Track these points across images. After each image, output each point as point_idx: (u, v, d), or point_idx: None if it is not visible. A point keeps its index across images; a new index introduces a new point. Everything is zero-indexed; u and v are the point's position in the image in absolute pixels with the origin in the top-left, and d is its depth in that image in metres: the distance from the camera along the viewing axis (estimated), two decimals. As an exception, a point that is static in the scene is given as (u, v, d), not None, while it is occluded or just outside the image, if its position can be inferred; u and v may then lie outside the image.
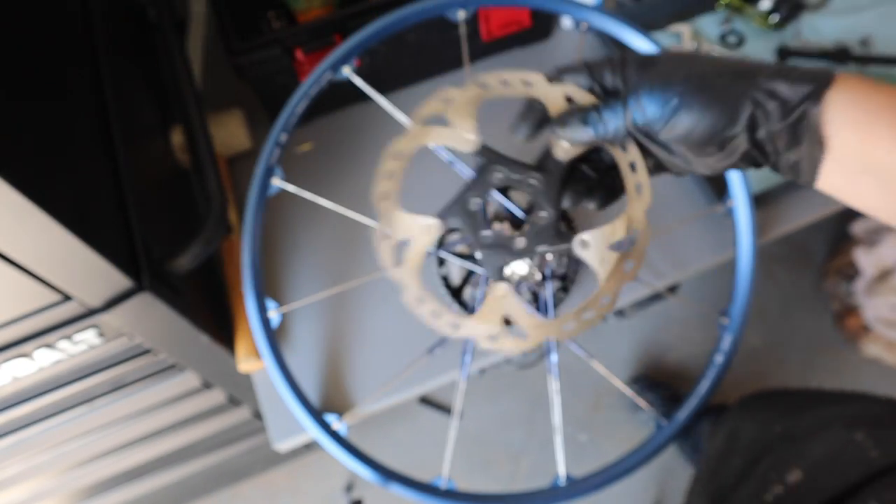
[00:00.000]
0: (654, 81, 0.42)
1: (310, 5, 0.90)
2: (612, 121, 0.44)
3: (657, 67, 0.43)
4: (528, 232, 0.48)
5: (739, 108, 0.40)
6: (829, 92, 0.39)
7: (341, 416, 0.75)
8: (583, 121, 0.45)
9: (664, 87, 0.42)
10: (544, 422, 1.68)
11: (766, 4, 1.04)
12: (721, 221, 0.87)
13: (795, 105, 0.39)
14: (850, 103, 0.38)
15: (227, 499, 1.64)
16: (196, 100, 0.79)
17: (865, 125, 0.37)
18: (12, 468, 0.87)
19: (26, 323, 0.57)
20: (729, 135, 0.41)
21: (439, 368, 0.81)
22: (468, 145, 0.49)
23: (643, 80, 0.43)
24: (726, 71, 0.41)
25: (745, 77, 0.40)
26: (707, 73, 0.41)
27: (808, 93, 0.39)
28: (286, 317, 0.83)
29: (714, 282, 1.81)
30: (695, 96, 0.41)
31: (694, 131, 0.41)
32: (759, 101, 0.40)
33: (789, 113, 0.39)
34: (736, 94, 0.40)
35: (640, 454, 0.73)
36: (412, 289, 0.49)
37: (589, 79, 0.48)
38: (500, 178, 0.49)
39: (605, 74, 0.46)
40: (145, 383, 0.79)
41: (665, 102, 0.42)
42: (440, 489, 0.72)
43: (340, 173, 0.94)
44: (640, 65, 0.44)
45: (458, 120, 0.49)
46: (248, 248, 0.75)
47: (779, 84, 0.39)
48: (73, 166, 0.58)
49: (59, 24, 0.68)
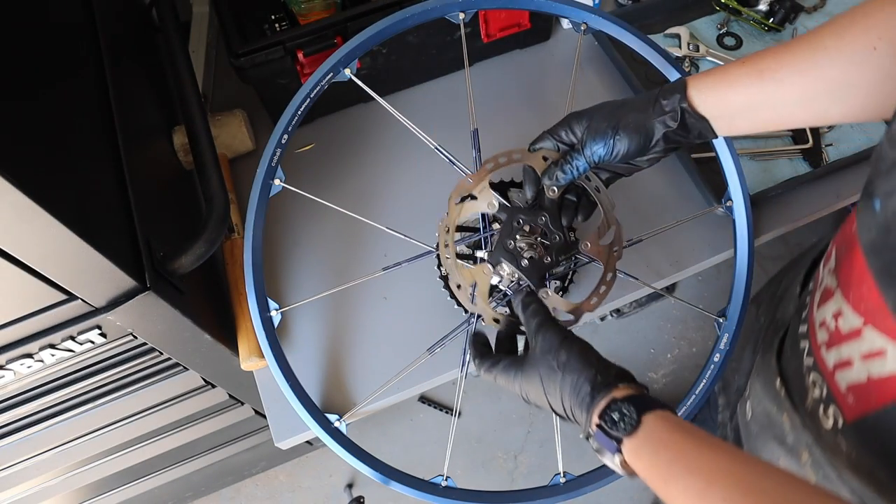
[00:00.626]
0: (595, 133, 0.64)
1: (311, 7, 0.91)
2: (578, 166, 0.65)
3: (593, 121, 0.64)
4: (550, 251, 0.69)
5: (652, 131, 0.63)
6: (689, 90, 0.61)
7: (342, 414, 0.76)
8: (561, 170, 0.66)
9: (603, 135, 0.63)
10: (543, 421, 1.69)
11: (763, 7, 1.05)
12: (719, 222, 0.88)
13: (677, 110, 0.61)
14: (702, 85, 0.61)
15: (229, 496, 1.65)
16: (198, 101, 0.79)
17: (719, 91, 0.60)
18: (17, 466, 0.88)
19: (31, 322, 0.58)
20: (651, 147, 0.64)
21: (439, 367, 0.81)
22: (493, 208, 0.70)
23: (588, 134, 0.64)
24: (634, 110, 0.63)
25: (645, 110, 0.63)
26: (625, 116, 0.63)
27: (679, 98, 0.61)
28: (288, 316, 0.84)
29: (712, 282, 1.82)
30: (622, 133, 0.63)
31: (629, 153, 0.64)
32: (660, 120, 0.62)
33: (677, 116, 0.61)
34: (646, 123, 0.63)
35: None
36: (487, 313, 0.67)
37: (553, 141, 0.68)
38: (521, 221, 0.69)
39: (561, 134, 0.67)
40: (148, 382, 0.79)
41: (605, 143, 0.63)
42: (439, 486, 0.73)
43: (340, 173, 0.95)
44: (580, 119, 0.65)
45: (481, 193, 0.70)
46: (249, 248, 0.75)
47: (664, 103, 0.62)
48: (77, 167, 0.59)
49: (63, 25, 0.68)
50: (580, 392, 0.54)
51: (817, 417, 0.57)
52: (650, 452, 0.49)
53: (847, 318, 0.50)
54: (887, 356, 0.45)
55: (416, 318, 0.84)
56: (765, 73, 0.58)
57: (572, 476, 0.73)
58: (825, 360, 0.54)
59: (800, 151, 0.95)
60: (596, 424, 0.52)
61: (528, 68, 1.03)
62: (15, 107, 0.51)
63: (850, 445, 0.53)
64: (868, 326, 0.47)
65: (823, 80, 0.55)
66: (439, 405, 1.71)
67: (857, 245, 0.48)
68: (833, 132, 0.97)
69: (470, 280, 0.68)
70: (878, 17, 0.52)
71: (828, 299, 0.54)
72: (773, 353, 0.66)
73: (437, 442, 1.66)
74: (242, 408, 1.03)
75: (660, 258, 0.86)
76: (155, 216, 0.69)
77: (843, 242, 0.53)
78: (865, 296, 0.47)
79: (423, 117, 0.83)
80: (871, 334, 0.47)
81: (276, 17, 0.94)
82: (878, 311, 0.45)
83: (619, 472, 0.53)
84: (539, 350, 0.58)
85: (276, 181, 0.77)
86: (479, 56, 1.03)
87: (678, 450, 0.47)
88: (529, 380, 0.58)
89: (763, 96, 0.58)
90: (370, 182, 0.94)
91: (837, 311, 0.51)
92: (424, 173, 0.94)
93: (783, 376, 0.63)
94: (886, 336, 0.45)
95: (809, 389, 0.57)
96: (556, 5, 0.79)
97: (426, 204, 0.88)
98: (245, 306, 0.82)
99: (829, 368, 0.53)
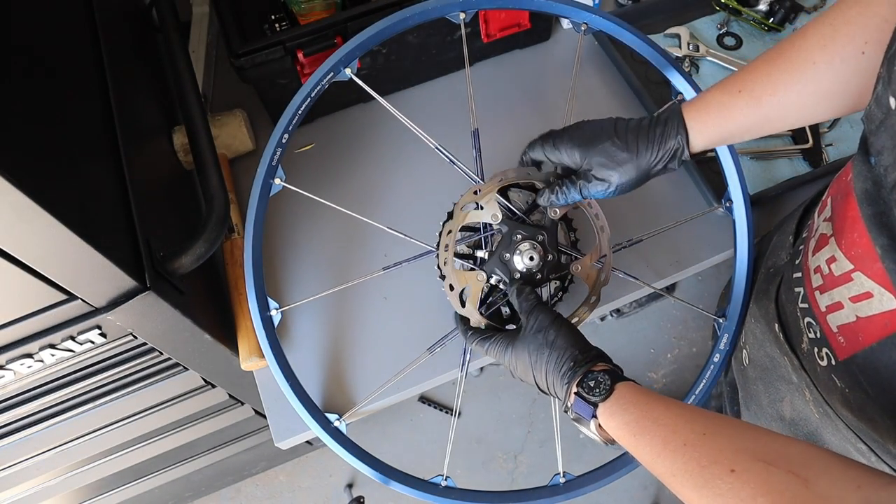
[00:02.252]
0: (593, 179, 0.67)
1: (311, 7, 0.91)
2: (572, 197, 0.69)
3: (593, 168, 0.66)
4: (542, 268, 0.71)
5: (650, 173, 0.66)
6: (690, 133, 0.63)
7: (342, 414, 0.76)
8: (555, 196, 0.69)
9: (601, 183, 0.66)
10: (543, 421, 1.69)
11: (763, 7, 1.05)
12: (719, 222, 0.88)
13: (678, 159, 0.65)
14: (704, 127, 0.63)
15: (229, 496, 1.65)
16: (198, 101, 0.79)
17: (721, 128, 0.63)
18: (17, 466, 0.88)
19: (31, 322, 0.58)
20: None
21: (439, 367, 0.81)
22: (496, 219, 0.72)
23: (587, 174, 0.67)
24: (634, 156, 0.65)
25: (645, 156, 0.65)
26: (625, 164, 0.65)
27: (681, 150, 0.64)
28: (288, 316, 0.84)
29: (712, 282, 1.82)
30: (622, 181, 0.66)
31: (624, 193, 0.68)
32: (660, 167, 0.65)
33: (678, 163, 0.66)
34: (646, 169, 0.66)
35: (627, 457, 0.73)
36: (475, 316, 0.71)
37: (548, 162, 0.71)
38: (521, 236, 0.71)
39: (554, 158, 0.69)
40: (148, 382, 0.79)
41: (604, 191, 0.67)
42: (439, 486, 0.73)
43: (340, 173, 0.95)
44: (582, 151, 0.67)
45: (486, 204, 0.72)
46: (249, 247, 0.75)
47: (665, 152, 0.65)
48: (78, 168, 0.59)
49: (64, 26, 0.69)
50: (563, 367, 0.60)
51: (813, 358, 0.59)
52: (621, 412, 0.55)
53: (840, 263, 0.52)
54: (873, 299, 0.48)
55: (416, 318, 0.84)
56: (762, 98, 0.60)
57: (572, 476, 0.73)
58: (819, 304, 0.57)
59: (800, 151, 0.95)
60: (574, 392, 0.58)
61: (528, 68, 1.03)
62: (15, 107, 0.51)
63: (843, 383, 0.56)
64: (857, 272, 0.50)
65: (818, 92, 0.58)
66: (439, 405, 1.71)
67: (851, 194, 0.50)
68: (833, 132, 0.97)
69: (463, 283, 0.71)
70: (861, 23, 0.54)
71: (823, 246, 0.56)
72: (770, 299, 0.68)
73: (436, 442, 1.66)
74: (242, 408, 1.03)
75: (660, 258, 0.86)
76: (155, 216, 0.69)
77: (838, 192, 0.55)
78: (856, 242, 0.50)
79: (423, 117, 0.83)
80: (861, 278, 0.50)
81: (276, 17, 0.94)
82: (867, 257, 0.48)
83: (596, 438, 0.58)
84: (531, 329, 0.64)
85: (277, 180, 0.77)
86: (480, 56, 1.03)
87: (646, 408, 0.54)
88: (519, 355, 0.64)
89: (762, 119, 0.61)
90: (370, 182, 0.94)
91: (831, 258, 0.54)
92: (424, 173, 0.94)
93: (780, 320, 0.66)
94: (873, 280, 0.48)
95: (804, 332, 0.60)
96: (556, 5, 0.79)
97: (426, 204, 0.88)
98: (245, 306, 0.82)
99: (822, 311, 0.56)
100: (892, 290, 0.46)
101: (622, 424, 0.55)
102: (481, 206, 0.72)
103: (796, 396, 0.65)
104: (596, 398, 0.57)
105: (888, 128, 0.44)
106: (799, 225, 0.72)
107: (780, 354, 0.65)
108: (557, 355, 0.61)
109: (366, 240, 0.89)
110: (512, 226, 0.72)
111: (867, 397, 0.53)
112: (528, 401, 1.72)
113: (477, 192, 0.73)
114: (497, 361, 0.67)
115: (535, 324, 0.64)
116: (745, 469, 0.44)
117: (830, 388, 0.58)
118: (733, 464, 0.45)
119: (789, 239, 0.71)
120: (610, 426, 0.56)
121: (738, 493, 0.44)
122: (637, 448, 0.53)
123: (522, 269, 0.71)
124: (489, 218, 0.72)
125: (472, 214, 0.72)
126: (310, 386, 0.78)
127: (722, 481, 0.45)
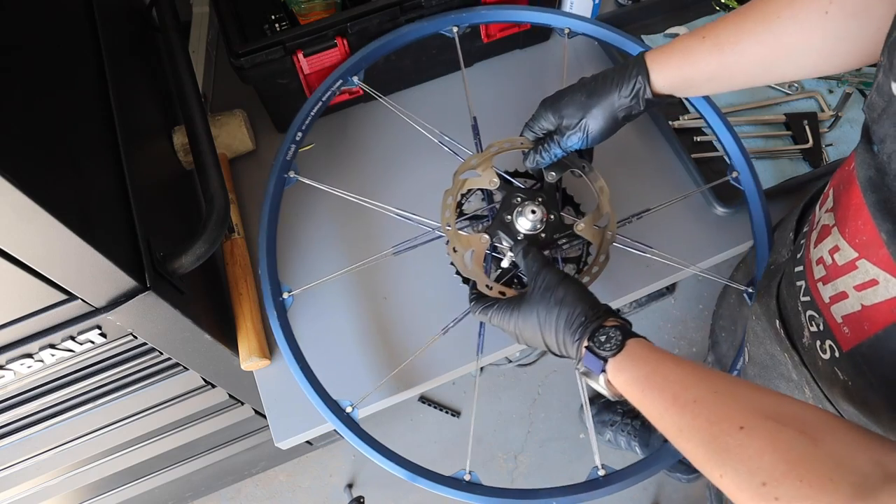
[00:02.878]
0: (569, 128, 0.70)
1: (311, 7, 0.91)
2: (554, 153, 0.72)
3: (566, 118, 0.70)
4: (546, 229, 0.72)
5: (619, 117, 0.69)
6: (651, 75, 0.66)
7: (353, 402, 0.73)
8: (539, 155, 0.72)
9: (576, 129, 0.69)
10: (543, 421, 1.69)
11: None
12: (719, 222, 0.88)
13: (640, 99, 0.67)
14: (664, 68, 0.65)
15: (229, 496, 1.65)
16: (198, 101, 0.79)
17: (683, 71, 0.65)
18: (17, 466, 0.88)
19: (31, 322, 0.58)
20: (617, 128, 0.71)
21: (436, 368, 0.81)
22: (493, 185, 0.74)
23: (563, 127, 0.70)
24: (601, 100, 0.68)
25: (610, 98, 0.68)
26: (593, 108, 0.68)
27: (642, 88, 0.66)
28: (295, 308, 0.84)
29: (711, 281, 1.81)
30: (592, 126, 0.69)
31: (598, 140, 0.70)
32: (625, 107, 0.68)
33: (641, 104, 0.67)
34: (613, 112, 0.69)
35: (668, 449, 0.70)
36: (481, 278, 0.70)
37: (532, 133, 0.74)
38: (520, 199, 0.73)
39: (537, 128, 0.73)
40: (148, 382, 0.79)
41: (579, 137, 0.70)
42: (463, 482, 0.70)
43: (341, 173, 0.95)
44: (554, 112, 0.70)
45: (484, 171, 0.75)
46: (264, 235, 0.77)
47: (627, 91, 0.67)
48: (78, 167, 0.59)
49: (64, 27, 0.69)
50: (574, 323, 0.60)
51: (814, 352, 0.59)
52: (631, 367, 0.55)
53: (843, 252, 0.52)
54: (879, 286, 0.48)
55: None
56: (725, 46, 0.62)
57: (612, 469, 0.69)
58: (822, 295, 0.56)
59: (800, 151, 0.95)
60: (585, 347, 0.58)
61: (528, 68, 1.03)
62: (15, 107, 0.51)
63: (845, 375, 0.55)
64: (862, 259, 0.50)
65: (780, 46, 0.60)
66: (439, 405, 1.71)
67: (854, 182, 0.50)
68: (833, 132, 0.97)
69: (467, 246, 0.72)
70: None
71: (825, 237, 0.56)
72: (771, 296, 0.68)
73: (437, 442, 1.66)
74: (242, 408, 1.03)
75: (659, 258, 0.86)
76: (155, 216, 0.69)
77: (840, 181, 0.55)
78: (861, 230, 0.50)
79: (425, 114, 0.85)
80: (865, 266, 0.49)
81: (276, 17, 0.94)
82: (872, 244, 0.48)
83: (605, 392, 0.58)
84: (539, 289, 0.63)
85: (291, 173, 0.80)
86: (480, 56, 1.03)
87: (656, 365, 0.54)
88: (526, 318, 0.63)
89: (723, 68, 0.63)
90: (371, 181, 0.94)
91: (834, 247, 0.54)
92: (426, 168, 0.94)
93: (781, 316, 0.66)
94: (879, 267, 0.48)
95: (806, 326, 0.60)
96: (536, 15, 0.87)
97: (428, 195, 0.88)
98: (245, 306, 0.82)
99: (825, 302, 0.56)
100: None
101: (631, 379, 0.54)
102: (478, 173, 0.75)
103: (795, 394, 0.65)
104: (606, 353, 0.56)
105: (890, 115, 0.44)
106: (799, 222, 0.72)
107: (780, 351, 0.65)
108: (568, 312, 0.60)
109: (372, 227, 0.90)
110: (510, 190, 0.74)
111: (870, 388, 0.53)
112: (528, 401, 1.72)
113: (474, 162, 0.76)
114: (503, 327, 0.66)
115: (542, 283, 0.63)
116: (754, 426, 0.44)
117: (832, 382, 0.58)
118: (743, 421, 0.45)
119: (790, 236, 0.72)
120: (619, 381, 0.56)
121: (745, 448, 0.44)
122: (645, 403, 0.53)
123: (525, 229, 0.71)
124: (487, 184, 0.74)
125: (469, 181, 0.75)
126: (321, 375, 0.75)
127: (731, 437, 0.45)
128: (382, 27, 0.86)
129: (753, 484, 0.42)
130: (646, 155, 0.95)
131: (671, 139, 0.93)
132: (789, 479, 0.41)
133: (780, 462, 0.42)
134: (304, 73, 0.88)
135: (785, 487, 0.41)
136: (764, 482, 0.42)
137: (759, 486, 0.42)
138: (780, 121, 0.98)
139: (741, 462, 0.44)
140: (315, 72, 0.87)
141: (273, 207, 0.78)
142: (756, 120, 0.98)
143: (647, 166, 0.94)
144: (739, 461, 0.44)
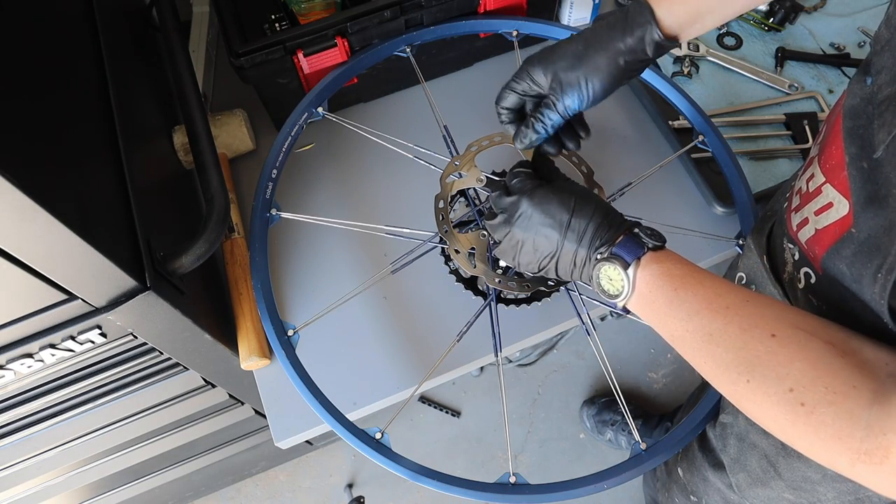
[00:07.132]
0: (566, 85, 0.60)
1: (311, 7, 0.91)
2: (553, 121, 0.62)
3: (560, 72, 0.60)
4: None
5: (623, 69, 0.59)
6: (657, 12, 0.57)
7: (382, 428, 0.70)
8: (533, 130, 0.63)
9: (575, 86, 0.60)
10: (543, 421, 1.69)
11: (763, 7, 1.05)
12: (719, 222, 0.88)
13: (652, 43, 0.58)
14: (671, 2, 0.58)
15: (229, 496, 1.65)
16: (198, 101, 0.79)
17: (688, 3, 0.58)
18: (18, 466, 0.88)
19: (31, 322, 0.58)
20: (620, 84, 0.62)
21: (440, 368, 0.81)
22: (479, 183, 0.76)
23: (558, 86, 0.61)
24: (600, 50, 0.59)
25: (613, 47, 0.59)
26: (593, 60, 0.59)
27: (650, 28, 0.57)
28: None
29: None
30: (594, 81, 0.60)
31: (600, 98, 0.61)
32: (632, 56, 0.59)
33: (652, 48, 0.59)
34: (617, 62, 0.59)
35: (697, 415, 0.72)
36: (489, 275, 0.71)
37: (516, 95, 0.64)
38: None
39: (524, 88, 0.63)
40: (148, 382, 0.79)
41: (580, 96, 0.60)
42: (508, 485, 0.69)
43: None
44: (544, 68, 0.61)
45: (469, 171, 0.76)
46: (259, 281, 0.76)
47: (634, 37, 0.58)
48: (78, 168, 0.59)
49: (64, 27, 0.69)
50: (614, 218, 0.58)
51: (794, 284, 0.60)
52: (668, 261, 0.55)
53: (815, 178, 0.54)
54: (832, 209, 0.50)
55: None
56: None
57: (652, 441, 0.69)
58: (792, 223, 0.58)
59: (800, 151, 0.95)
60: (627, 234, 0.56)
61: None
62: (15, 107, 0.51)
63: (819, 301, 0.57)
64: (827, 184, 0.51)
65: None
66: (440, 405, 1.71)
67: (839, 110, 0.51)
68: (833, 132, 0.97)
69: (468, 245, 0.73)
70: None
71: (808, 167, 0.57)
72: (763, 234, 0.69)
73: (437, 442, 1.66)
74: (242, 408, 1.03)
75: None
76: (155, 216, 0.69)
77: (832, 114, 0.56)
78: (833, 154, 0.51)
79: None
80: (828, 190, 0.51)
81: (276, 17, 0.94)
82: (838, 168, 0.50)
83: (626, 284, 0.55)
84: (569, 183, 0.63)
85: (273, 210, 0.80)
86: (480, 56, 1.03)
87: (691, 268, 0.54)
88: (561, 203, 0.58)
89: None
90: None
91: (811, 176, 0.55)
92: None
93: (769, 253, 0.67)
94: (837, 189, 0.50)
95: (788, 259, 0.61)
96: (483, 23, 0.91)
97: (415, 212, 0.89)
98: (245, 306, 0.82)
99: (793, 230, 0.58)
100: (848, 198, 0.48)
101: (665, 273, 0.54)
102: (462, 174, 0.76)
103: None
104: (653, 242, 0.56)
105: (892, 48, 0.45)
106: None
107: (769, 285, 0.66)
108: (608, 208, 0.59)
109: (366, 246, 0.89)
110: (497, 183, 0.74)
111: (838, 314, 0.53)
112: (528, 401, 1.72)
113: (457, 164, 0.76)
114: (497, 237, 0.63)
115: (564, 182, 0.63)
116: (785, 335, 0.46)
117: (810, 310, 0.57)
118: (775, 329, 0.47)
119: (790, 185, 0.72)
120: (653, 271, 0.54)
121: (775, 355, 0.46)
122: (673, 302, 0.52)
123: None
124: (474, 182, 0.75)
125: (457, 183, 0.75)
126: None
127: (761, 344, 0.47)
128: (382, 27, 0.87)
129: (781, 389, 0.45)
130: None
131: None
132: (816, 385, 0.44)
133: (809, 369, 0.44)
134: (304, 73, 0.88)
135: (811, 393, 0.44)
136: (791, 388, 0.44)
137: (786, 391, 0.44)
138: (780, 121, 0.98)
139: (770, 368, 0.45)
140: (315, 71, 0.87)
141: (261, 249, 0.78)
142: (756, 120, 0.98)
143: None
144: (769, 367, 0.46)
